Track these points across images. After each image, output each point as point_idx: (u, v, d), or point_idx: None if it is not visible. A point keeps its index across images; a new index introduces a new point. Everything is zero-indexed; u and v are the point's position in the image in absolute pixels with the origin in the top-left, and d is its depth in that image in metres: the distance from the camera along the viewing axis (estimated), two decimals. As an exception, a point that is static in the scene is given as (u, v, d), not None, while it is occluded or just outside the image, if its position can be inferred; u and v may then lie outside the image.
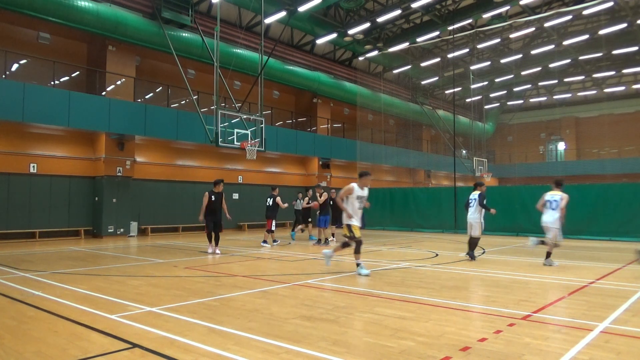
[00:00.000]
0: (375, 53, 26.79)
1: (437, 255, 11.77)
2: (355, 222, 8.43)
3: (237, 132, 17.31)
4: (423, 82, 33.93)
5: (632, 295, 6.55)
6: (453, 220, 20.11)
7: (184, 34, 19.65)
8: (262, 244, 14.14)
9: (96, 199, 18.05)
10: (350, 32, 24.07)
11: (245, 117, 17.62)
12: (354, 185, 8.44)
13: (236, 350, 4.09)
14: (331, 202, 15.13)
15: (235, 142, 17.17)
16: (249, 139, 17.35)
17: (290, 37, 25.86)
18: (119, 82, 18.71)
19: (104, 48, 18.31)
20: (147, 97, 21.02)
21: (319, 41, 24.85)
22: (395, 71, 31.23)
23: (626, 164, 34.24)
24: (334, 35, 23.95)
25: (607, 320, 5.14)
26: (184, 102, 21.87)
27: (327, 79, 26.57)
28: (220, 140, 16.44)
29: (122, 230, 18.07)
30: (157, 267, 9.54)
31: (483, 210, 10.73)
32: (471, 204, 10.78)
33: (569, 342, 4.32)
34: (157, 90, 21.39)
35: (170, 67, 20.23)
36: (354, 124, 29.35)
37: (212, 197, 11.84)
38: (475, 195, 10.72)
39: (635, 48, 29.03)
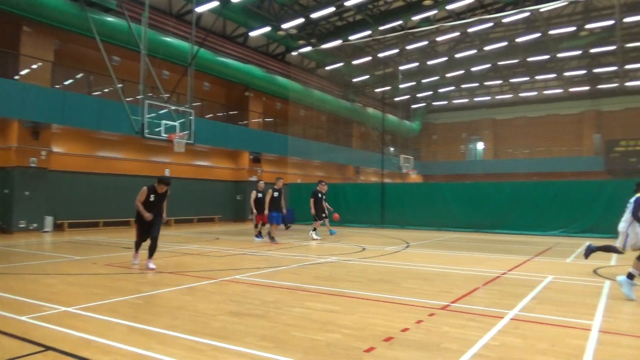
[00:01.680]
0: (308, 49, 26.90)
1: (364, 249, 12.10)
2: None
3: (165, 124, 16.69)
4: (354, 80, 34.58)
5: (538, 285, 7.13)
6: (380, 216, 20.73)
7: (108, 19, 18.58)
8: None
9: (5, 191, 16.66)
10: (284, 26, 23.99)
11: (173, 108, 17.04)
12: None
13: (160, 349, 3.98)
14: (316, 198, 14.89)
15: (163, 134, 16.56)
16: (177, 131, 16.80)
17: (223, 28, 25.31)
18: (34, 66, 17.36)
19: (19, 28, 16.88)
20: (66, 83, 19.68)
21: (252, 34, 24.53)
22: (327, 68, 31.55)
23: (537, 164, 37.01)
24: (267, 29, 23.74)
25: (516, 308, 5.56)
26: (107, 90, 20.71)
27: (259, 72, 26.31)
28: (146, 131, 15.77)
29: (35, 225, 16.83)
30: (74, 264, 9.01)
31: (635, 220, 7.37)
32: (627, 208, 7.71)
33: (483, 330, 4.62)
34: (78, 77, 20.08)
35: (94, 52, 19.03)
36: (286, 118, 29.34)
37: (152, 196, 8.53)
38: (632, 199, 7.60)
39: (547, 57, 31.41)
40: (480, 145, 43.99)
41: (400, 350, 3.99)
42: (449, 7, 23.09)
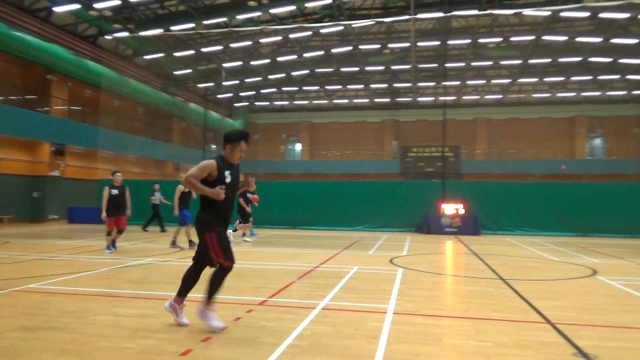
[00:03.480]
0: (125, 34, 24.87)
1: (182, 249, 11.73)
2: None
3: None
4: (176, 73, 33.21)
5: (345, 276, 7.86)
6: (201, 214, 20.31)
7: None
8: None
9: None
10: (97, 6, 21.75)
11: (-54, 86, 14.04)
12: None
13: None
14: (245, 198, 13.60)
15: None
16: (-48, 114, 13.91)
17: (18, -2, 21.79)
18: None
19: None
20: None
21: (57, 9, 21.68)
22: (146, 57, 29.65)
23: (346, 165, 40.60)
24: (76, 6, 21.24)
25: (326, 299, 6.04)
26: None
27: (65, 53, 23.34)
28: None
29: None
30: None
31: None
32: None
33: (297, 321, 4.92)
34: None
35: None
36: (97, 108, 26.66)
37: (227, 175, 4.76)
38: None
39: (357, 69, 34.71)
40: (298, 147, 46.39)
41: (218, 349, 4.00)
42: (273, 10, 23.84)
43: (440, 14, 23.53)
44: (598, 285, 7.50)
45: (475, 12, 23.88)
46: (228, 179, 4.64)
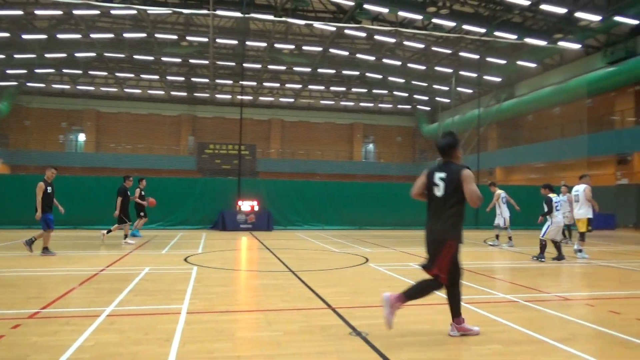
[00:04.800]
0: None
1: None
2: None
3: None
4: None
5: (135, 278, 7.40)
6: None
7: None
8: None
9: None
10: None
11: None
12: None
13: None
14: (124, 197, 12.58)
15: None
16: None
17: None
18: None
19: None
20: None
21: None
22: None
23: (138, 160, 38.02)
24: None
25: (113, 304, 5.60)
26: None
27: None
28: None
29: None
30: None
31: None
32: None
33: (77, 332, 4.44)
34: None
35: None
36: None
37: None
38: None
39: (152, 58, 32.81)
40: (81, 137, 41.60)
41: (-28, 376, 3.36)
42: (51, -20, 20.87)
43: (238, 14, 23.92)
44: (369, 271, 8.68)
45: (271, 17, 25.01)
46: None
